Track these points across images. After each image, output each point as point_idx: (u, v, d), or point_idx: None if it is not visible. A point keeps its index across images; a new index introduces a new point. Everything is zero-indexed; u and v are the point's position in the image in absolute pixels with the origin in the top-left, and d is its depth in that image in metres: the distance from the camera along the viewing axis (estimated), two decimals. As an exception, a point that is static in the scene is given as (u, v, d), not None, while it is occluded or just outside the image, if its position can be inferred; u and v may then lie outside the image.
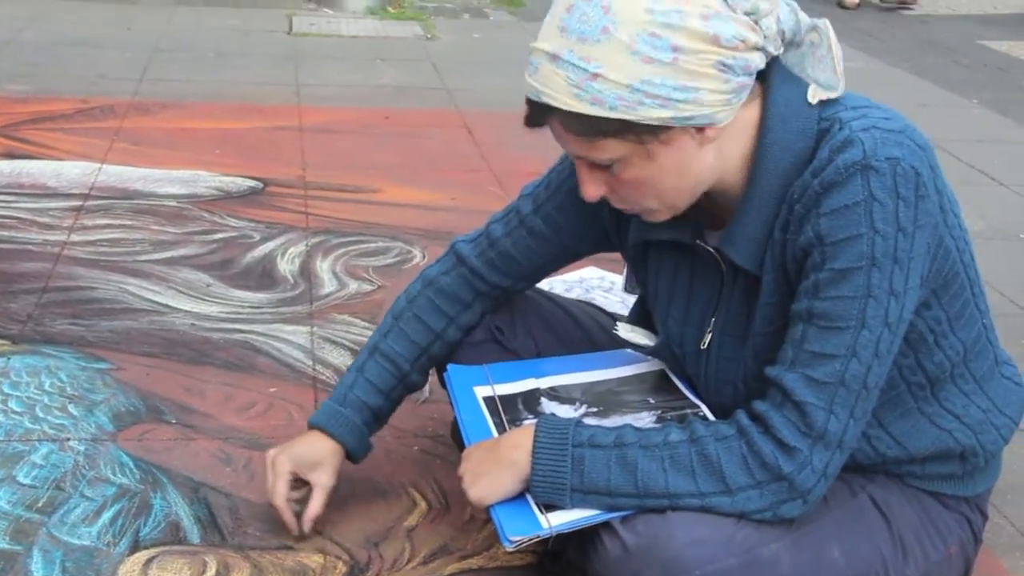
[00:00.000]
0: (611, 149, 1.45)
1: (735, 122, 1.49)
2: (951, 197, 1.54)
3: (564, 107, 1.43)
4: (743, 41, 1.42)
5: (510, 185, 3.69)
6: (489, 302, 1.92)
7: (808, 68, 1.53)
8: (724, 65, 1.42)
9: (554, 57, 1.42)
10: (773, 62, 1.51)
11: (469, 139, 4.34)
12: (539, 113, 1.47)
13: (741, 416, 1.53)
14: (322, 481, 1.86)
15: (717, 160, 1.51)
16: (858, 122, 1.47)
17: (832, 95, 1.51)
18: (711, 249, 1.62)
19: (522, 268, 1.88)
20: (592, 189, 1.53)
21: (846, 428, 1.49)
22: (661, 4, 1.38)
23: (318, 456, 1.87)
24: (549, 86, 1.43)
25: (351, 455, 1.91)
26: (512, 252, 1.86)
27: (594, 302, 2.37)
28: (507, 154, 4.07)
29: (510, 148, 4.10)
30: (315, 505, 1.87)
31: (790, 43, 1.50)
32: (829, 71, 1.51)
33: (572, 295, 2.61)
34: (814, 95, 1.51)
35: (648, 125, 1.42)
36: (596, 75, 1.40)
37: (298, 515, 1.87)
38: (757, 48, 1.45)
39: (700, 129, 1.45)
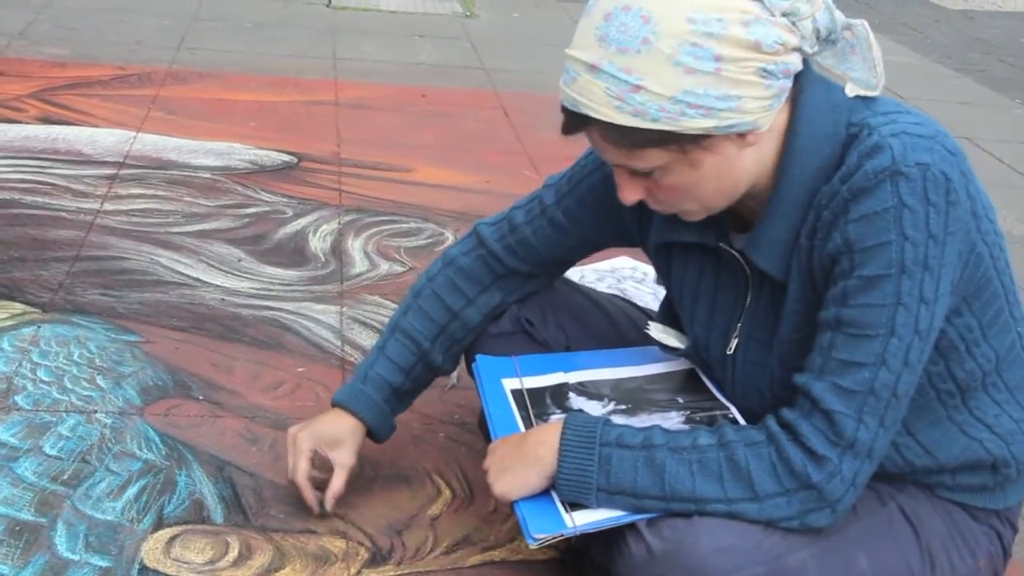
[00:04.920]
0: (653, 159, 1.44)
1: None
2: (985, 202, 1.51)
3: (605, 119, 1.41)
4: (783, 44, 1.40)
5: (545, 169, 3.64)
6: (509, 286, 1.91)
7: (845, 66, 1.51)
8: (765, 71, 1.40)
9: (592, 68, 1.40)
10: (805, 63, 1.49)
11: (505, 121, 4.32)
12: (578, 123, 1.45)
13: (771, 422, 1.51)
14: (343, 460, 1.87)
15: (755, 163, 1.50)
16: (887, 127, 1.45)
17: (870, 93, 1.49)
18: (735, 253, 1.60)
19: (541, 256, 1.87)
20: (631, 195, 1.52)
21: (875, 437, 1.47)
22: (701, 13, 1.36)
23: (340, 434, 1.87)
24: (588, 97, 1.41)
25: (374, 434, 1.91)
26: (531, 240, 1.85)
27: (625, 293, 2.36)
28: (543, 137, 4.05)
29: (546, 131, 4.07)
30: (336, 484, 1.87)
31: (825, 40, 1.48)
32: (869, 71, 1.49)
33: (603, 285, 2.60)
34: (852, 91, 1.49)
35: (691, 135, 1.41)
36: (638, 87, 1.37)
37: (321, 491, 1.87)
38: (795, 49, 1.43)
39: (742, 135, 1.44)
